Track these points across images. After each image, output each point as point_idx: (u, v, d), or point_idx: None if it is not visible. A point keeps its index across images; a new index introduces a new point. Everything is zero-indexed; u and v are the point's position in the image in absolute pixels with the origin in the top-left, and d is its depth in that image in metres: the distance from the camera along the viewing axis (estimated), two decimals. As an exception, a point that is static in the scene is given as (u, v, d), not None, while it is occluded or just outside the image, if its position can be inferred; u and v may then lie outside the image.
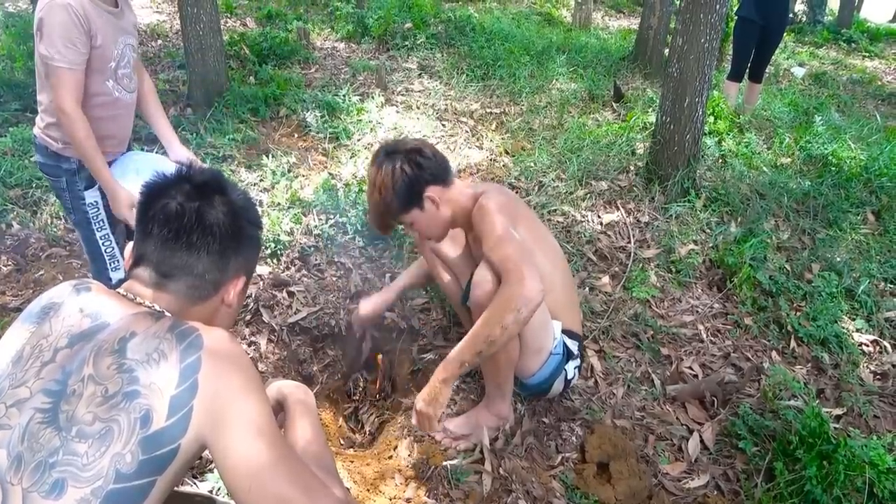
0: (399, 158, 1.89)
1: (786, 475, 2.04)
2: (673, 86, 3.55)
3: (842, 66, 8.59)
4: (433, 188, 1.91)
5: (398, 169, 1.87)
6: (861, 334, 2.91)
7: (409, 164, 1.88)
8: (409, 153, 1.89)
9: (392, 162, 1.88)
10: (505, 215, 1.89)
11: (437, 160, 1.93)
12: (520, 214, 2.02)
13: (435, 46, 6.24)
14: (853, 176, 3.99)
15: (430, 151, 1.93)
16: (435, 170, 1.92)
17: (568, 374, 2.13)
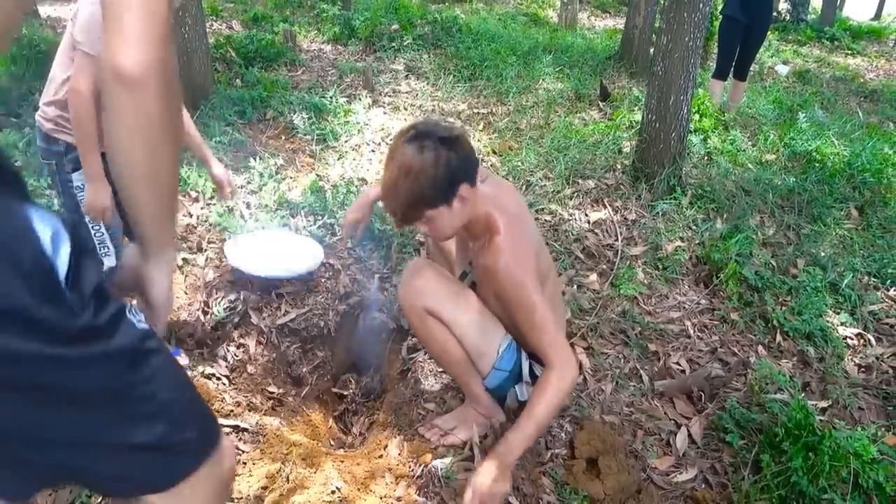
0: (443, 145, 1.66)
1: (772, 467, 2.06)
2: (658, 84, 3.57)
3: (825, 64, 8.68)
4: (465, 186, 1.72)
5: (443, 157, 1.65)
6: (845, 328, 2.95)
7: (453, 153, 1.67)
8: (453, 141, 1.67)
9: (435, 147, 1.65)
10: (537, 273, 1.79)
11: (473, 156, 1.74)
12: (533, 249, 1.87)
13: (422, 47, 6.25)
14: (836, 172, 4.04)
15: (469, 144, 1.74)
16: (471, 166, 1.73)
17: (519, 395, 2.08)
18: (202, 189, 3.27)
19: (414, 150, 1.66)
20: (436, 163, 1.65)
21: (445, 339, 1.97)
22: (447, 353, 2.01)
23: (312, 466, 1.98)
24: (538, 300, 1.75)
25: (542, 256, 1.93)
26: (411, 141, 1.67)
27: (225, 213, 3.12)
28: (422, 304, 1.93)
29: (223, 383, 2.37)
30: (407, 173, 1.66)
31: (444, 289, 1.97)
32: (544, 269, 1.91)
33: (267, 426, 2.17)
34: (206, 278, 2.76)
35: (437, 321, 1.95)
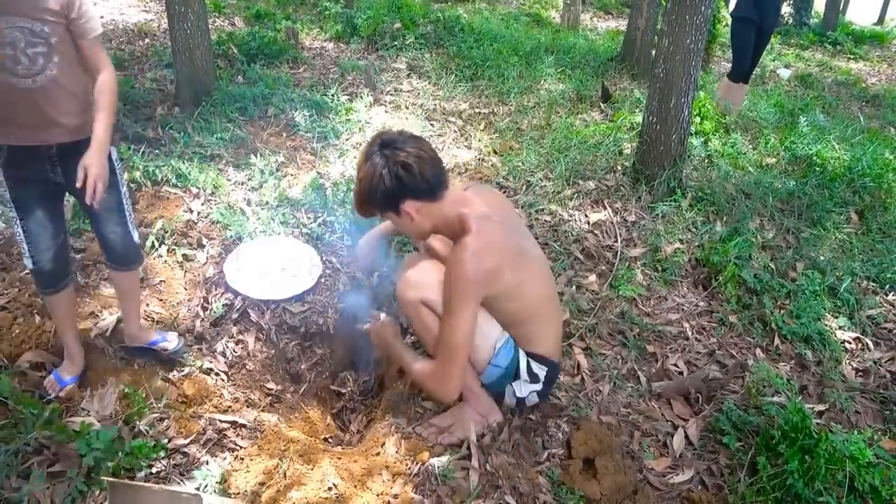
0: (386, 163, 1.80)
1: (768, 469, 2.07)
2: (659, 86, 3.58)
3: (827, 68, 8.68)
4: (411, 203, 1.85)
5: (378, 175, 1.81)
6: (844, 332, 2.95)
7: (391, 175, 1.80)
8: (395, 164, 1.80)
9: (378, 163, 1.81)
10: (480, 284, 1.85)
11: (422, 178, 1.83)
12: (505, 254, 1.92)
13: (424, 47, 6.25)
14: (837, 176, 4.04)
15: (418, 168, 1.81)
16: (417, 188, 1.83)
17: (517, 392, 2.10)
18: (203, 185, 3.27)
19: (363, 159, 1.85)
20: (374, 178, 1.82)
21: (434, 323, 1.96)
22: (432, 335, 1.98)
23: (310, 463, 1.98)
24: (461, 311, 1.83)
25: (513, 267, 1.92)
26: (371, 148, 1.85)
27: (226, 210, 3.12)
28: (418, 297, 1.93)
29: (222, 379, 2.38)
30: (358, 177, 1.88)
31: (439, 283, 1.96)
32: (512, 283, 1.92)
33: (265, 422, 2.18)
34: (206, 274, 2.77)
35: (433, 314, 1.95)
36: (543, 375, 2.09)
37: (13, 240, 2.63)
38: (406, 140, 1.85)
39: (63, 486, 1.67)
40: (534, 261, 2.06)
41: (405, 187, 1.82)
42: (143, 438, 1.85)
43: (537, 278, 2.03)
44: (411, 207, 1.86)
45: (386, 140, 1.85)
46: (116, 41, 5.56)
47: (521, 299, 1.95)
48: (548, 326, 2.10)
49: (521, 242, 2.04)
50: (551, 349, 2.11)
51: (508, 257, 1.92)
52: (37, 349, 2.16)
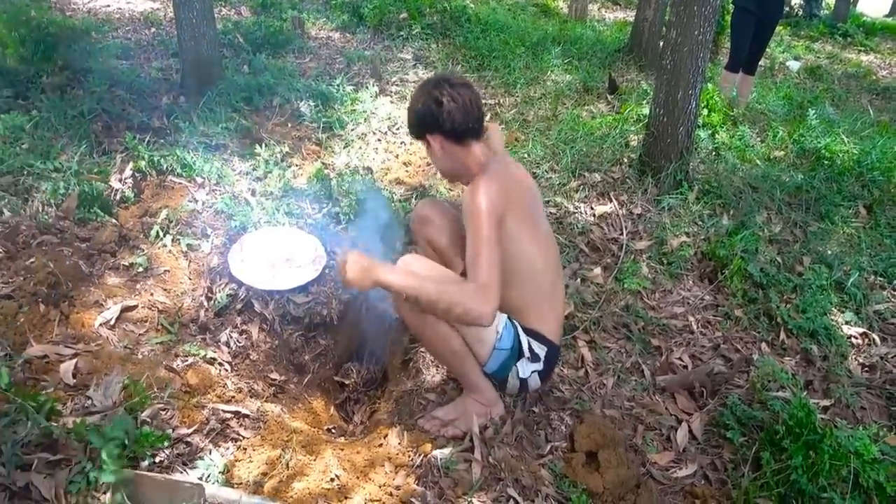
0: (424, 93, 1.99)
1: (772, 465, 2.06)
2: (667, 78, 3.55)
3: (837, 60, 8.60)
4: (437, 137, 2.01)
5: (417, 100, 2.01)
6: (850, 327, 2.93)
7: (424, 105, 1.99)
8: (430, 96, 1.97)
9: (422, 92, 2.00)
10: (495, 212, 1.89)
11: (449, 118, 1.97)
12: (512, 205, 1.98)
13: (430, 37, 6.22)
14: (846, 170, 4.01)
15: (448, 108, 1.96)
16: (443, 126, 1.98)
17: (520, 372, 2.09)
18: (208, 175, 3.27)
19: (421, 85, 2.05)
20: (414, 102, 2.04)
21: (445, 331, 1.96)
22: (445, 343, 2.00)
23: (312, 454, 1.99)
24: (486, 233, 1.86)
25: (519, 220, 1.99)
26: (428, 79, 2.06)
27: (231, 200, 3.11)
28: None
29: (225, 369, 2.38)
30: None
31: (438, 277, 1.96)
32: (513, 230, 1.96)
33: (268, 413, 2.18)
34: (210, 264, 2.76)
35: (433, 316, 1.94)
36: (544, 355, 2.09)
37: (18, 228, 2.63)
38: (455, 83, 1.99)
39: (64, 471, 1.68)
40: (541, 231, 2.10)
41: (433, 121, 1.99)
42: (146, 428, 1.86)
43: (540, 244, 2.07)
44: (436, 141, 2.02)
45: (443, 76, 2.04)
46: (123, 30, 5.55)
47: (518, 253, 1.98)
48: (548, 305, 2.11)
49: (535, 208, 2.11)
50: (551, 330, 2.11)
51: (515, 205, 1.99)
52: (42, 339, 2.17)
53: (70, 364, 2.04)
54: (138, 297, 2.48)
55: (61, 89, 3.81)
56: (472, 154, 2.03)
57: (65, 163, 3.14)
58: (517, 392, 2.20)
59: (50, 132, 3.39)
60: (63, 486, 1.65)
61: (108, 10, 6.07)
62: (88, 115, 3.59)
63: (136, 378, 2.01)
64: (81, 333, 2.21)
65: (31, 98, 3.70)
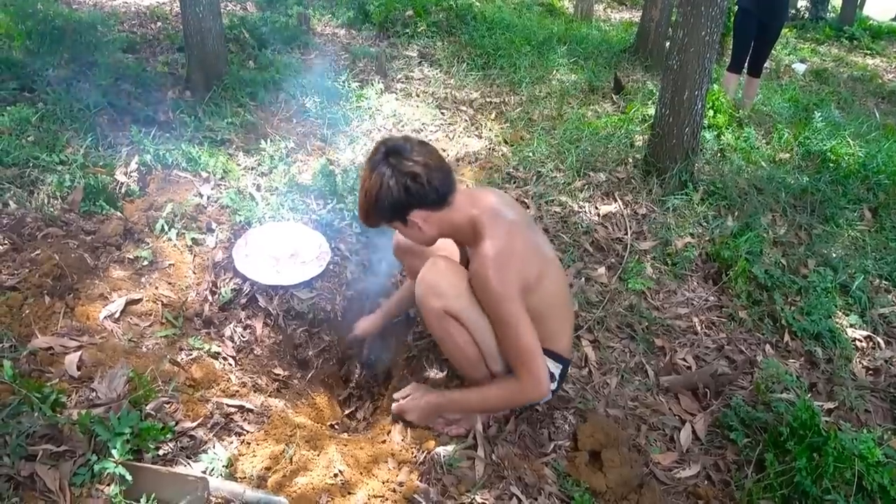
0: (391, 174, 1.76)
1: (776, 466, 2.06)
2: (673, 78, 3.54)
3: (843, 63, 8.59)
4: (419, 212, 1.83)
5: (386, 185, 1.77)
6: (855, 330, 2.93)
7: (398, 186, 1.77)
8: (403, 174, 1.76)
9: (385, 173, 1.77)
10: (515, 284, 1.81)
11: (431, 187, 1.79)
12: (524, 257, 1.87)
13: (436, 35, 6.21)
14: (851, 173, 4.00)
15: (426, 177, 1.78)
16: (426, 197, 1.80)
17: None
18: (213, 170, 3.26)
19: (369, 169, 1.81)
20: (382, 189, 1.78)
21: (463, 341, 1.95)
22: (462, 354, 1.99)
23: (316, 449, 1.98)
24: (514, 315, 1.81)
25: (532, 262, 1.89)
26: (372, 157, 1.81)
27: (236, 195, 3.11)
28: (442, 305, 1.89)
29: (229, 363, 2.38)
30: (363, 187, 1.83)
31: (464, 290, 1.91)
32: (533, 275, 1.87)
33: (272, 407, 2.18)
34: (215, 259, 2.76)
35: (457, 323, 1.92)
36: (558, 373, 2.07)
37: (24, 220, 2.63)
38: (413, 147, 1.80)
39: (68, 463, 1.68)
40: (548, 257, 2.01)
41: (413, 198, 1.79)
42: (150, 421, 1.86)
43: (553, 275, 1.99)
44: (419, 217, 1.84)
45: (391, 148, 1.79)
46: (129, 24, 5.55)
47: (539, 294, 1.90)
48: (563, 324, 2.07)
49: (534, 237, 2.01)
50: (565, 347, 2.08)
51: (528, 252, 1.89)
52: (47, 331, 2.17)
53: (75, 356, 2.04)
54: (143, 290, 2.48)
55: (67, 82, 3.81)
56: (456, 207, 1.87)
57: (70, 155, 3.15)
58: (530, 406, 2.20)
59: (56, 125, 3.40)
60: (67, 478, 1.65)
61: (114, 3, 6.08)
62: (94, 108, 3.59)
63: (141, 371, 2.01)
64: (86, 326, 2.22)
65: (37, 90, 3.70)
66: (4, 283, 2.30)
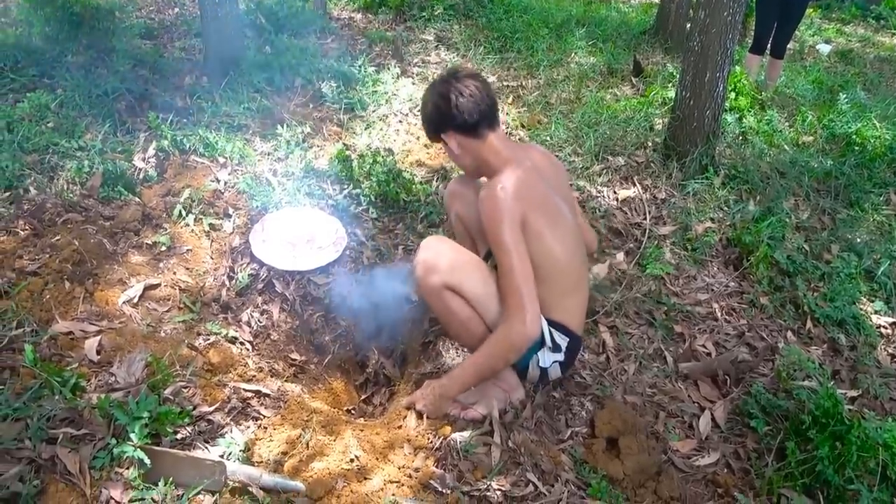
0: (433, 92, 1.99)
1: (797, 455, 2.02)
2: (694, 60, 3.47)
3: (869, 44, 8.38)
4: (453, 134, 2.00)
5: (426, 100, 2.03)
6: (879, 316, 2.87)
7: (435, 104, 1.98)
8: (441, 95, 1.96)
9: (432, 90, 2.01)
10: (514, 216, 1.86)
11: (459, 113, 1.94)
12: (532, 203, 1.92)
13: (452, 18, 6.15)
14: (877, 156, 3.91)
15: (456, 102, 1.94)
16: (454, 121, 1.96)
17: (541, 361, 2.07)
18: (230, 155, 3.27)
19: (429, 86, 2.05)
20: (425, 102, 2.05)
21: (467, 315, 1.95)
22: (468, 331, 1.99)
23: (332, 434, 1.99)
24: (511, 244, 1.84)
25: (541, 210, 1.93)
26: (440, 76, 2.04)
27: (253, 180, 3.12)
28: (440, 281, 1.91)
29: (246, 348, 2.39)
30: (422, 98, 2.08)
31: (462, 263, 1.95)
32: (538, 221, 1.91)
33: (288, 392, 2.19)
34: (232, 244, 2.77)
35: (458, 297, 1.92)
36: (565, 345, 2.06)
37: (44, 206, 2.66)
38: (462, 75, 1.97)
39: (88, 446, 1.70)
40: (565, 222, 2.02)
41: (444, 117, 1.98)
42: (168, 405, 1.87)
43: (564, 239, 1.99)
44: (452, 138, 2.01)
45: (450, 71, 2.01)
46: (146, 9, 5.56)
47: (541, 250, 1.92)
48: (571, 296, 2.06)
49: (556, 201, 2.02)
50: (573, 321, 2.08)
51: (536, 201, 1.93)
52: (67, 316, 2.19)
53: (94, 341, 2.06)
54: (161, 275, 2.49)
55: (86, 68, 3.83)
56: (490, 146, 2.00)
57: (89, 141, 3.17)
58: (538, 381, 2.18)
59: (74, 111, 3.42)
60: (87, 461, 1.67)
61: (131, -11, 6.08)
62: (112, 94, 3.60)
63: (159, 356, 2.02)
64: (105, 311, 2.23)
65: (56, 77, 3.72)
66: (25, 269, 2.32)
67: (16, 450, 1.65)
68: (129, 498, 1.63)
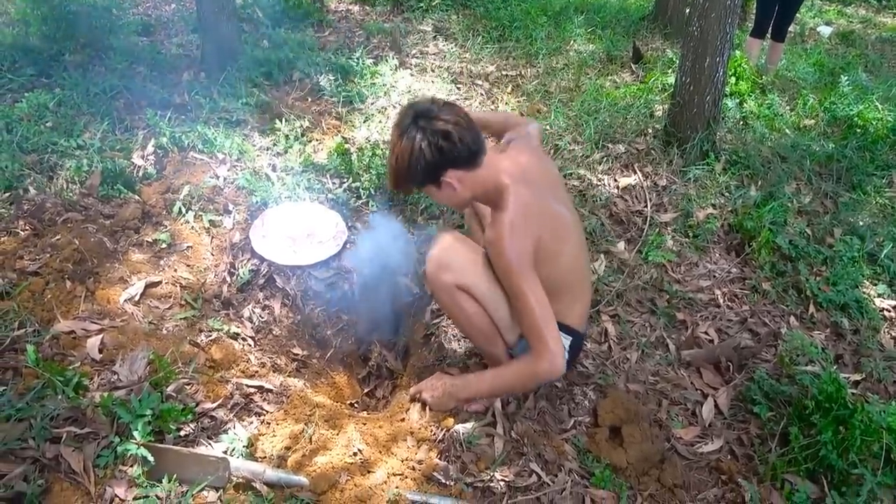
0: (424, 135, 1.72)
1: (801, 440, 2.02)
2: (693, 45, 3.45)
3: (870, 25, 8.31)
4: (453, 173, 1.78)
5: (418, 148, 1.73)
6: (883, 300, 2.86)
7: (431, 146, 1.73)
8: (435, 133, 1.72)
9: (415, 137, 1.73)
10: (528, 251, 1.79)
11: (463, 146, 1.75)
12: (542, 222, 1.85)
13: (450, 8, 6.13)
14: (879, 138, 3.89)
15: (458, 135, 1.74)
16: (459, 156, 1.76)
17: None
18: (228, 151, 3.26)
19: (398, 134, 1.76)
20: (414, 152, 1.73)
21: (476, 313, 1.94)
22: (475, 328, 1.99)
23: (335, 428, 2.00)
24: (526, 287, 1.78)
25: (552, 234, 1.86)
26: (401, 123, 1.76)
27: (252, 175, 3.11)
28: (452, 280, 1.89)
29: (248, 344, 2.39)
30: (393, 153, 1.78)
31: (473, 262, 1.91)
32: (551, 249, 1.85)
33: (291, 387, 2.19)
34: (233, 240, 2.77)
35: (468, 296, 1.91)
36: (568, 344, 2.05)
37: (44, 205, 2.66)
38: (441, 108, 1.76)
39: (91, 445, 1.70)
40: (570, 230, 1.97)
41: (446, 157, 1.75)
42: (171, 402, 1.88)
43: (572, 247, 1.97)
44: (453, 177, 1.79)
45: (419, 110, 1.75)
46: (143, 6, 5.55)
47: (554, 269, 1.88)
48: (577, 299, 2.04)
49: (559, 209, 1.95)
50: (577, 321, 2.06)
51: (546, 226, 1.86)
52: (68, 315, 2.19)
53: (96, 339, 2.07)
54: (162, 273, 2.49)
55: (83, 67, 3.83)
56: (487, 168, 1.83)
57: (88, 140, 3.16)
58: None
59: (73, 110, 3.41)
60: (91, 459, 1.68)
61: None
62: (110, 92, 3.60)
63: (161, 353, 2.03)
64: (107, 309, 2.24)
65: (53, 76, 3.72)
66: (26, 269, 2.33)
67: (20, 450, 1.66)
68: (133, 495, 1.64)
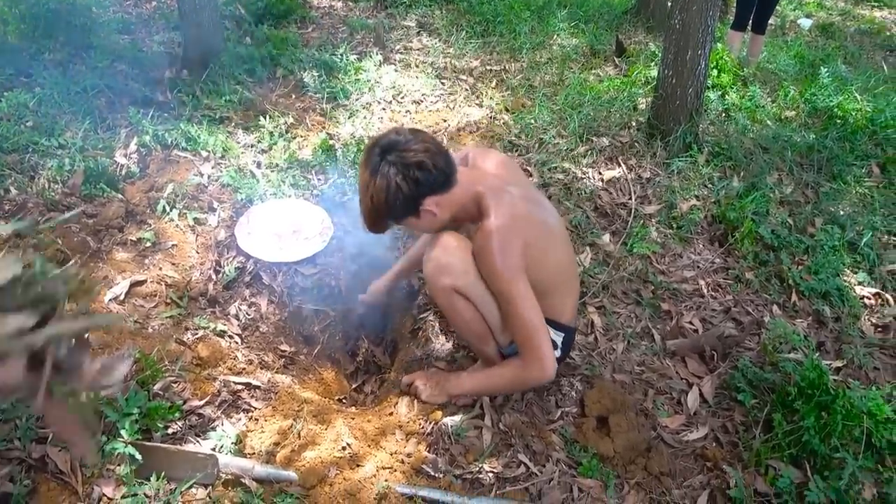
0: (397, 171, 1.70)
1: (784, 426, 2.05)
2: (675, 38, 3.47)
3: (850, 17, 8.40)
4: (431, 199, 1.78)
5: (394, 185, 1.71)
6: (863, 287, 2.91)
7: (406, 180, 1.71)
8: (408, 166, 1.70)
9: (389, 173, 1.70)
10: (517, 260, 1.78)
11: (438, 171, 1.74)
12: (528, 228, 1.85)
13: (434, 3, 6.11)
14: (858, 128, 3.93)
15: (431, 162, 1.72)
16: (435, 182, 1.75)
17: None
18: (212, 149, 3.25)
19: (370, 174, 1.73)
20: (390, 189, 1.72)
21: (471, 316, 1.94)
22: (470, 329, 1.99)
23: (324, 423, 2.00)
24: (516, 293, 1.79)
25: (537, 237, 1.86)
26: (369, 161, 1.74)
27: (236, 173, 3.10)
28: (450, 284, 1.88)
29: (235, 341, 2.39)
30: (367, 194, 1.76)
31: (471, 265, 1.88)
32: (538, 252, 1.85)
33: (279, 384, 2.20)
34: (218, 238, 2.76)
35: (465, 299, 1.91)
36: (560, 341, 2.07)
37: (25, 205, 2.63)
38: (407, 138, 1.74)
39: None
40: (554, 230, 1.98)
41: (424, 186, 1.74)
42: (158, 400, 1.87)
43: (558, 247, 1.98)
44: (431, 204, 1.78)
45: (386, 145, 1.73)
46: (123, 4, 5.49)
47: (543, 270, 1.88)
48: (567, 296, 2.05)
49: (540, 211, 1.97)
50: (569, 316, 2.07)
51: (532, 229, 1.86)
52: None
53: (81, 339, 2.05)
54: (147, 271, 2.48)
55: (64, 65, 3.78)
56: (461, 186, 1.82)
57: (69, 139, 3.13)
58: None
59: (54, 109, 3.38)
60: (78, 459, 1.67)
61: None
62: (91, 90, 3.56)
63: (148, 352, 2.02)
64: (92, 309, 2.22)
65: (33, 75, 3.67)
66: (9, 269, 2.31)
67: (5, 451, 1.65)
68: (121, 494, 1.63)
